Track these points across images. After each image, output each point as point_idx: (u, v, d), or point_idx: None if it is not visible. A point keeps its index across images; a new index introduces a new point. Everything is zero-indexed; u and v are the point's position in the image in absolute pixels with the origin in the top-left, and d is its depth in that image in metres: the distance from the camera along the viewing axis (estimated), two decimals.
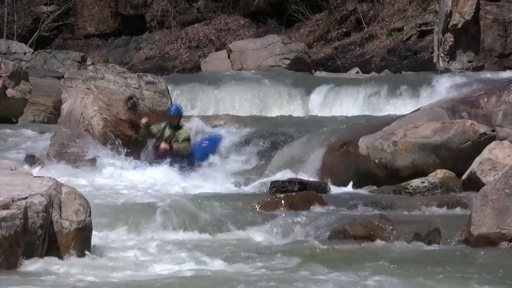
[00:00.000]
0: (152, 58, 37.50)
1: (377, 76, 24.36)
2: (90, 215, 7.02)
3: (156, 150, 13.20)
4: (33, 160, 13.71)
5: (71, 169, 12.93)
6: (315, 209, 9.61)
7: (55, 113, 19.45)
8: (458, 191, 10.70)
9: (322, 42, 34.29)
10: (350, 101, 19.62)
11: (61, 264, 6.59)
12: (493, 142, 10.98)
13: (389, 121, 12.96)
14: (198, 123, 15.38)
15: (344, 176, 12.12)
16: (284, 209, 9.62)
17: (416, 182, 10.90)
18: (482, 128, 11.45)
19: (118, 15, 39.79)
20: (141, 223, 8.84)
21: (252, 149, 14.04)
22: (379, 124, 13.00)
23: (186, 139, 13.21)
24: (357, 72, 27.50)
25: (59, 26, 39.15)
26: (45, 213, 6.58)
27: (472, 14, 20.73)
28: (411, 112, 13.34)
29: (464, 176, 10.89)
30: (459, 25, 20.74)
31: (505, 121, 11.88)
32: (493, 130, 11.51)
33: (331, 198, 10.30)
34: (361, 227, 8.29)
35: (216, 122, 15.86)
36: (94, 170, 12.81)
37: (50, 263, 6.56)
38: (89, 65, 23.97)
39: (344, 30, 34.04)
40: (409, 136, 11.74)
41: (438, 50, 21.56)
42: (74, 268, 6.48)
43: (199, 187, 11.85)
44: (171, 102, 14.69)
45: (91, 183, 11.61)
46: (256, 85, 21.09)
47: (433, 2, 29.77)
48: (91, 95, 13.85)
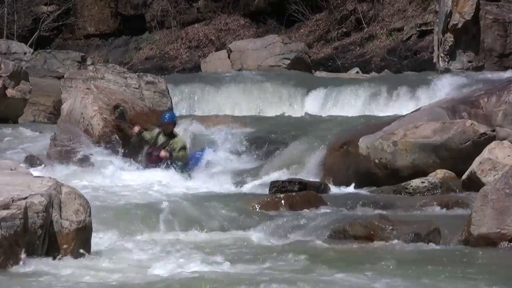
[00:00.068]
0: (152, 58, 37.50)
1: (377, 76, 24.37)
2: (90, 215, 7.01)
3: (149, 157, 13.08)
4: (33, 160, 13.72)
5: (71, 169, 12.93)
6: (315, 209, 9.61)
7: (55, 113, 19.45)
8: (458, 191, 10.69)
9: (322, 42, 34.30)
10: (350, 101, 19.63)
11: (61, 264, 6.58)
12: (493, 142, 10.97)
13: (389, 121, 12.96)
14: (196, 126, 15.33)
15: (344, 176, 12.12)
16: (284, 209, 9.63)
17: (416, 182, 10.89)
18: (482, 128, 11.45)
19: (118, 15, 39.79)
20: (141, 224, 8.83)
21: (252, 149, 14.05)
22: (379, 124, 13.00)
23: (183, 148, 13.19)
24: (357, 72, 27.51)
25: (59, 26, 39.16)
26: (45, 213, 6.57)
27: (472, 14, 20.74)
28: (411, 112, 13.34)
29: (464, 176, 10.88)
30: (459, 25, 20.75)
31: (505, 121, 11.88)
32: (493, 130, 11.51)
33: (331, 198, 10.30)
34: (361, 227, 8.30)
35: (216, 123, 15.85)
36: (94, 171, 12.80)
37: (50, 263, 6.56)
38: (89, 65, 23.95)
39: (344, 30, 34.04)
40: (409, 136, 11.74)
41: (438, 50, 21.57)
42: (74, 268, 6.47)
43: (199, 188, 11.85)
44: (171, 102, 14.67)
45: (91, 183, 11.61)
46: (256, 85, 21.11)
47: (433, 2, 29.77)
48: (91, 95, 13.85)
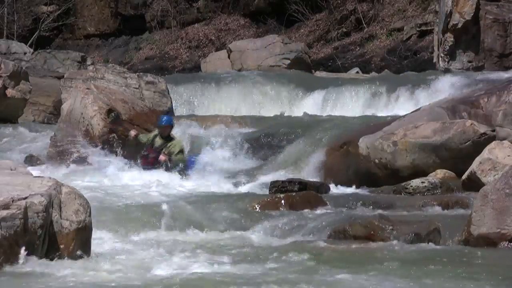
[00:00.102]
0: (152, 58, 37.50)
1: (377, 76, 24.34)
2: (90, 215, 7.01)
3: (145, 159, 13.07)
4: (33, 160, 13.74)
5: (71, 169, 12.93)
6: (315, 209, 9.60)
7: (55, 113, 19.45)
8: (458, 191, 10.69)
9: (322, 42, 34.29)
10: (350, 101, 19.62)
11: (61, 264, 6.58)
12: (493, 142, 10.97)
13: (389, 121, 12.96)
14: (196, 126, 15.31)
15: (344, 176, 12.12)
16: (284, 209, 9.62)
17: (416, 182, 10.89)
18: (482, 128, 11.45)
19: (118, 15, 39.79)
20: (141, 224, 8.83)
21: (252, 150, 14.04)
22: (379, 124, 13.00)
23: (181, 152, 13.19)
24: (357, 72, 27.50)
25: (59, 26, 39.15)
26: (45, 213, 6.57)
27: (472, 14, 20.74)
28: (411, 112, 13.34)
29: (464, 176, 10.88)
30: (459, 25, 20.75)
31: (505, 121, 11.88)
32: (493, 130, 11.51)
33: (331, 198, 10.29)
34: (361, 227, 8.29)
35: (216, 123, 15.83)
36: (94, 171, 12.80)
37: (50, 263, 6.55)
38: (89, 65, 23.96)
39: (344, 30, 34.04)
40: (409, 136, 11.74)
41: (438, 50, 21.58)
42: (74, 269, 6.47)
43: (199, 188, 11.85)
44: (171, 102, 14.69)
45: (91, 184, 11.60)
46: (256, 85, 21.09)
47: (433, 2, 29.77)
48: (91, 95, 13.85)
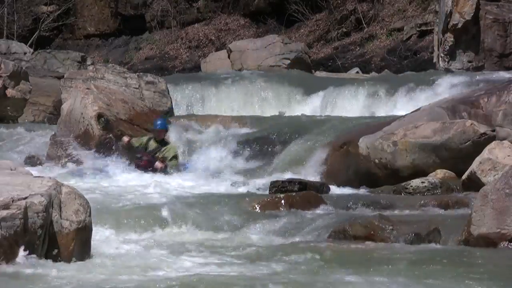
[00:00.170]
0: (152, 58, 37.49)
1: (377, 76, 24.33)
2: (90, 215, 7.01)
3: (139, 161, 13.01)
4: (33, 160, 13.73)
5: (70, 169, 12.93)
6: (315, 209, 9.59)
7: (55, 113, 19.42)
8: (458, 191, 10.69)
9: (322, 42, 34.28)
10: (350, 101, 19.60)
11: (61, 264, 6.58)
12: (493, 142, 10.97)
13: (389, 121, 12.95)
14: (193, 129, 15.29)
15: (344, 176, 12.12)
16: (284, 209, 9.61)
17: (416, 182, 10.89)
18: (482, 128, 11.44)
19: (118, 15, 39.78)
20: (141, 225, 8.83)
21: (252, 149, 14.03)
22: (379, 124, 12.99)
23: (175, 157, 13.18)
24: (357, 72, 27.48)
25: (59, 26, 39.14)
26: (45, 213, 6.57)
27: (472, 14, 20.73)
28: (411, 112, 13.33)
29: (464, 176, 10.88)
30: (459, 25, 20.75)
31: (505, 121, 11.87)
32: (493, 130, 11.51)
33: (331, 198, 10.28)
34: (361, 227, 8.29)
35: (216, 123, 15.82)
36: (92, 171, 12.79)
37: (50, 263, 6.55)
38: (89, 65, 23.94)
39: (344, 30, 34.03)
40: (409, 136, 11.73)
41: (438, 50, 21.57)
42: (74, 269, 6.47)
43: (199, 188, 11.84)
44: (171, 102, 14.68)
45: (90, 184, 11.60)
46: (256, 85, 21.08)
47: (433, 2, 29.76)
48: (91, 95, 13.85)
